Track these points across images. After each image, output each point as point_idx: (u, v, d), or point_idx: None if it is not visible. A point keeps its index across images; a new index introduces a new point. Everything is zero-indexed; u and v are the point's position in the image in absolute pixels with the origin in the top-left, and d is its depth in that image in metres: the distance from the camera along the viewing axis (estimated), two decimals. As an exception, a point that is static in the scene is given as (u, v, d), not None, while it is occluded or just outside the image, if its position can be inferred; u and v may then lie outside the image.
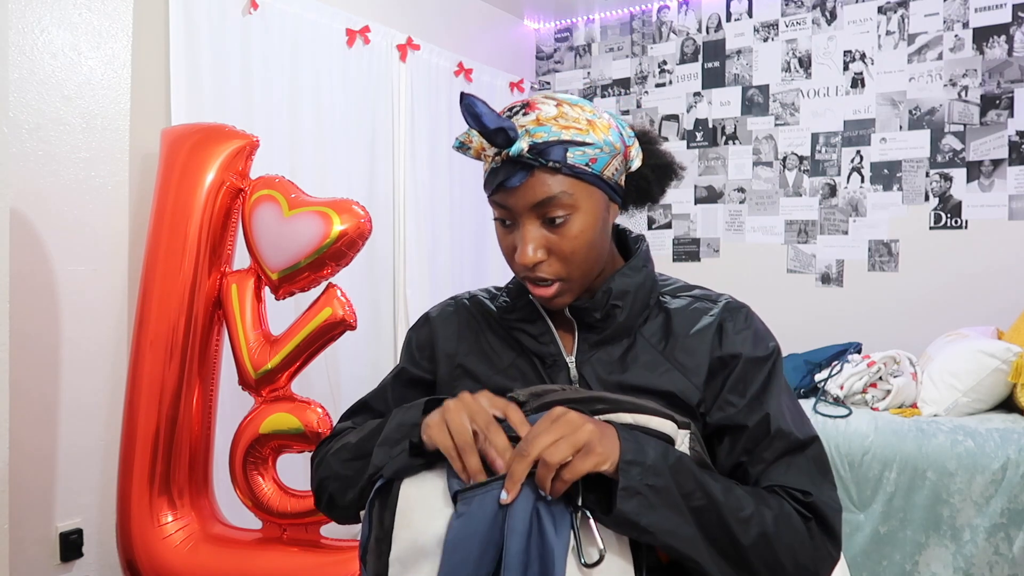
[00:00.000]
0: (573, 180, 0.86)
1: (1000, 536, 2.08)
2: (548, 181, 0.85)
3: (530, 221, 0.87)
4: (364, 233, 1.94)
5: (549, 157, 0.84)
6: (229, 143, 2.01)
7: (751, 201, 3.52)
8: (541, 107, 0.87)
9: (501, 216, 0.90)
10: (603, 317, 0.92)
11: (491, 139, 0.83)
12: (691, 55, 3.67)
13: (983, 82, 3.01)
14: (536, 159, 0.84)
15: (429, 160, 3.27)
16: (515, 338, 0.97)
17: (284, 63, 2.64)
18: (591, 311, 0.92)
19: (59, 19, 2.03)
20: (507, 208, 0.88)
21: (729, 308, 0.95)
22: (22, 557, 1.96)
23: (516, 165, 0.85)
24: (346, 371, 2.82)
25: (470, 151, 0.89)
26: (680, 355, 0.91)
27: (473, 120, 0.83)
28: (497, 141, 0.83)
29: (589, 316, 0.92)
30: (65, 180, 2.05)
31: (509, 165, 0.85)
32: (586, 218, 0.87)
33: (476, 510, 0.73)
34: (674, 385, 0.89)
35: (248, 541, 1.97)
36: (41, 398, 2.03)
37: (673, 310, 0.95)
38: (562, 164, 0.84)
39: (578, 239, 0.87)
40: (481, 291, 1.07)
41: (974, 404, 2.37)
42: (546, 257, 0.87)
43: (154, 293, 1.95)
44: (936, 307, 3.08)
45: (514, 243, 0.89)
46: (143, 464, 1.92)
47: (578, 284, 0.90)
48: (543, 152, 0.84)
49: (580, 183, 0.86)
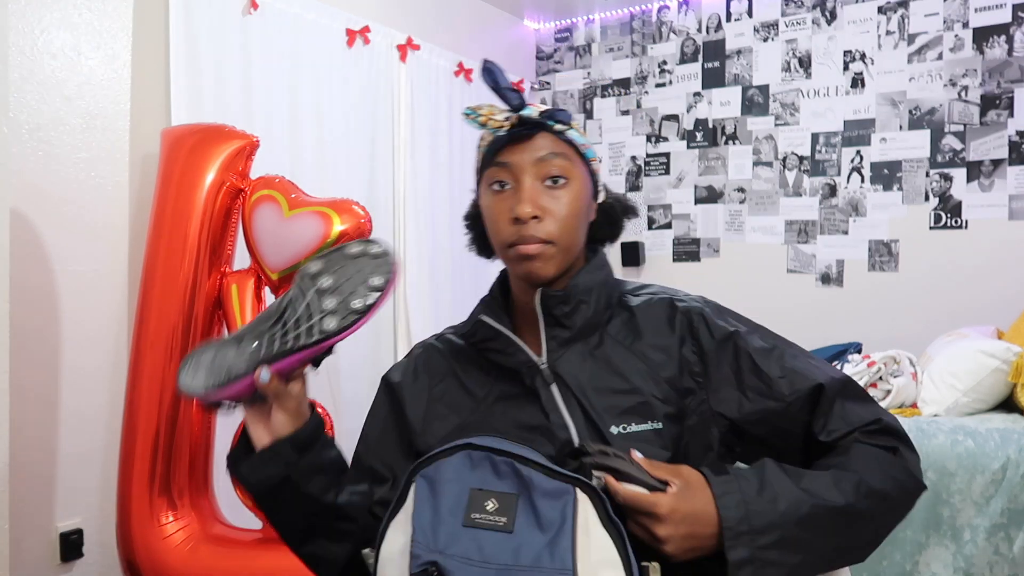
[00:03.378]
0: (572, 151, 0.93)
1: (1000, 536, 2.08)
2: (553, 140, 0.92)
3: (531, 178, 0.90)
4: (364, 233, 1.94)
5: (557, 118, 0.92)
6: (229, 143, 2.01)
7: (751, 201, 3.52)
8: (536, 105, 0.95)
9: (500, 178, 0.92)
10: (570, 311, 0.93)
11: (507, 97, 0.90)
12: (691, 55, 3.67)
13: (983, 82, 3.01)
14: (545, 120, 0.91)
15: (429, 160, 3.27)
16: (488, 360, 0.97)
17: (284, 63, 2.64)
18: (560, 303, 0.93)
19: (59, 19, 2.03)
20: (508, 167, 0.91)
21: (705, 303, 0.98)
22: (22, 557, 1.96)
23: (524, 127, 0.91)
24: (346, 371, 2.82)
25: (480, 117, 0.92)
26: (648, 350, 0.93)
27: (491, 79, 0.90)
28: (512, 99, 0.90)
29: (558, 308, 0.93)
30: (65, 180, 2.05)
31: (517, 128, 0.91)
32: (578, 189, 0.92)
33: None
34: (645, 379, 0.91)
35: (248, 541, 1.97)
36: (41, 398, 2.03)
37: (635, 307, 0.97)
38: (567, 127, 0.92)
39: (571, 205, 0.91)
40: (448, 330, 1.08)
41: (974, 404, 2.37)
42: (541, 215, 0.90)
43: (154, 293, 1.95)
44: (936, 307, 3.08)
45: (509, 206, 0.90)
46: (143, 464, 1.92)
47: (561, 255, 0.91)
48: (551, 115, 0.92)
49: (576, 157, 0.93)
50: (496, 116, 0.90)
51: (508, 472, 0.78)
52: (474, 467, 0.79)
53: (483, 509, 0.76)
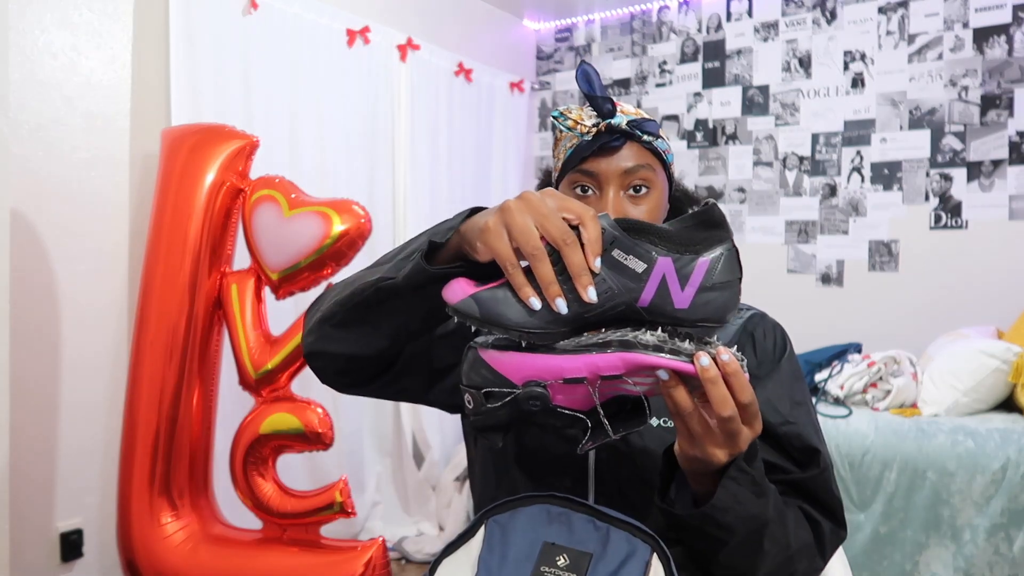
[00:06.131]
0: (657, 161, 0.93)
1: (1000, 536, 2.08)
2: (640, 151, 0.91)
3: (615, 189, 0.91)
4: (364, 233, 1.94)
5: (645, 129, 0.91)
6: (229, 143, 2.02)
7: (751, 201, 3.52)
8: (624, 105, 0.94)
9: (584, 183, 0.92)
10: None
11: (598, 105, 0.90)
12: (691, 55, 3.67)
13: (983, 82, 3.01)
14: (633, 130, 0.91)
15: (429, 160, 3.27)
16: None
17: (284, 63, 2.63)
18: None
19: (59, 19, 2.03)
20: (594, 176, 0.91)
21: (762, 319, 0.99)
22: (22, 557, 1.96)
23: (612, 135, 0.90)
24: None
25: (568, 120, 0.92)
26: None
27: (587, 85, 0.89)
28: (604, 108, 0.89)
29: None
30: (65, 180, 2.05)
31: (606, 135, 0.90)
32: (658, 197, 0.93)
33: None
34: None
35: (248, 541, 1.97)
36: (41, 398, 2.03)
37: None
38: (655, 138, 0.92)
39: (651, 214, 0.92)
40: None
41: (974, 404, 2.37)
42: None
43: (154, 293, 1.95)
44: (936, 307, 3.08)
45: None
46: (143, 464, 1.92)
47: None
48: (640, 125, 0.91)
49: (660, 167, 0.94)
50: (585, 121, 0.90)
51: (586, 530, 0.76)
52: (551, 521, 0.78)
53: (554, 563, 0.75)
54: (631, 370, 0.67)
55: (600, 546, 0.75)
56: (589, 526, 0.76)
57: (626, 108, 0.93)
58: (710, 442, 0.71)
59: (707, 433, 0.70)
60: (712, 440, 0.70)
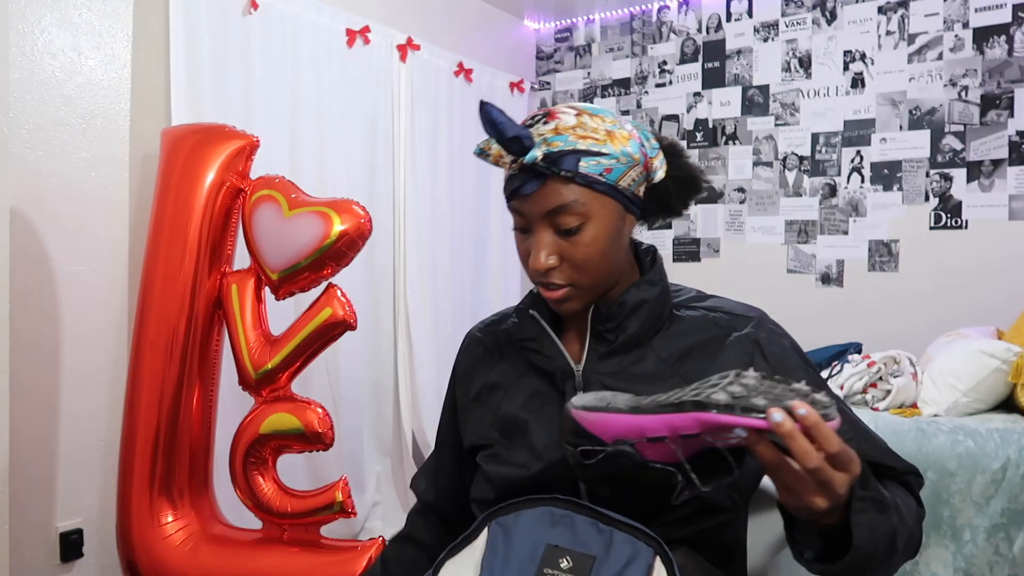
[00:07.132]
0: (586, 190, 0.86)
1: (1000, 536, 2.08)
2: (561, 190, 0.86)
3: (543, 228, 0.88)
4: (364, 233, 1.94)
5: (561, 167, 0.85)
6: (229, 143, 2.01)
7: (751, 201, 3.52)
8: (561, 116, 0.88)
9: (518, 222, 0.91)
10: (614, 328, 0.93)
11: (507, 147, 0.86)
12: (691, 55, 3.67)
13: (983, 82, 3.01)
14: (549, 168, 0.85)
15: (429, 160, 3.27)
16: (526, 357, 0.98)
17: (284, 63, 2.63)
18: (606, 318, 0.92)
19: (59, 19, 2.03)
20: (522, 214, 0.90)
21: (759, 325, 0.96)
22: (22, 557, 1.96)
23: (530, 173, 0.87)
24: (346, 371, 2.82)
25: (489, 158, 0.90)
26: (692, 372, 0.90)
27: (491, 128, 0.85)
28: (512, 149, 0.85)
29: (603, 323, 0.93)
30: (65, 180, 2.05)
31: (525, 173, 0.87)
32: (599, 227, 0.88)
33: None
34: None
35: (248, 541, 1.97)
36: (41, 398, 2.03)
37: (687, 323, 0.95)
38: (574, 173, 0.85)
39: (590, 247, 0.88)
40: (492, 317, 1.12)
41: (974, 404, 2.37)
42: (558, 264, 0.88)
43: (154, 293, 1.95)
44: (936, 307, 3.08)
45: (529, 248, 0.90)
46: (143, 464, 1.92)
47: (588, 291, 0.91)
48: (556, 161, 0.85)
49: (593, 193, 0.87)
50: (505, 158, 0.88)
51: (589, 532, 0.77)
52: (554, 523, 0.78)
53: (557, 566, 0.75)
54: (707, 429, 0.69)
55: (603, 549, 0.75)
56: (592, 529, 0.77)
57: (562, 126, 0.86)
58: (805, 491, 0.70)
59: (800, 483, 0.70)
60: (807, 489, 0.70)
